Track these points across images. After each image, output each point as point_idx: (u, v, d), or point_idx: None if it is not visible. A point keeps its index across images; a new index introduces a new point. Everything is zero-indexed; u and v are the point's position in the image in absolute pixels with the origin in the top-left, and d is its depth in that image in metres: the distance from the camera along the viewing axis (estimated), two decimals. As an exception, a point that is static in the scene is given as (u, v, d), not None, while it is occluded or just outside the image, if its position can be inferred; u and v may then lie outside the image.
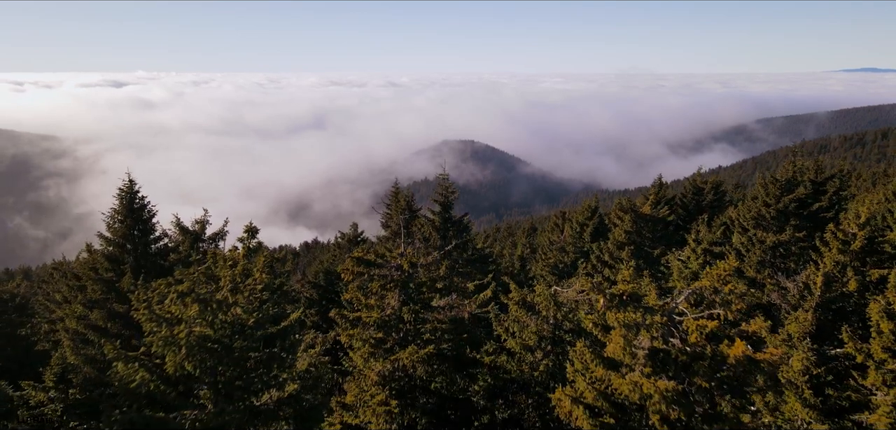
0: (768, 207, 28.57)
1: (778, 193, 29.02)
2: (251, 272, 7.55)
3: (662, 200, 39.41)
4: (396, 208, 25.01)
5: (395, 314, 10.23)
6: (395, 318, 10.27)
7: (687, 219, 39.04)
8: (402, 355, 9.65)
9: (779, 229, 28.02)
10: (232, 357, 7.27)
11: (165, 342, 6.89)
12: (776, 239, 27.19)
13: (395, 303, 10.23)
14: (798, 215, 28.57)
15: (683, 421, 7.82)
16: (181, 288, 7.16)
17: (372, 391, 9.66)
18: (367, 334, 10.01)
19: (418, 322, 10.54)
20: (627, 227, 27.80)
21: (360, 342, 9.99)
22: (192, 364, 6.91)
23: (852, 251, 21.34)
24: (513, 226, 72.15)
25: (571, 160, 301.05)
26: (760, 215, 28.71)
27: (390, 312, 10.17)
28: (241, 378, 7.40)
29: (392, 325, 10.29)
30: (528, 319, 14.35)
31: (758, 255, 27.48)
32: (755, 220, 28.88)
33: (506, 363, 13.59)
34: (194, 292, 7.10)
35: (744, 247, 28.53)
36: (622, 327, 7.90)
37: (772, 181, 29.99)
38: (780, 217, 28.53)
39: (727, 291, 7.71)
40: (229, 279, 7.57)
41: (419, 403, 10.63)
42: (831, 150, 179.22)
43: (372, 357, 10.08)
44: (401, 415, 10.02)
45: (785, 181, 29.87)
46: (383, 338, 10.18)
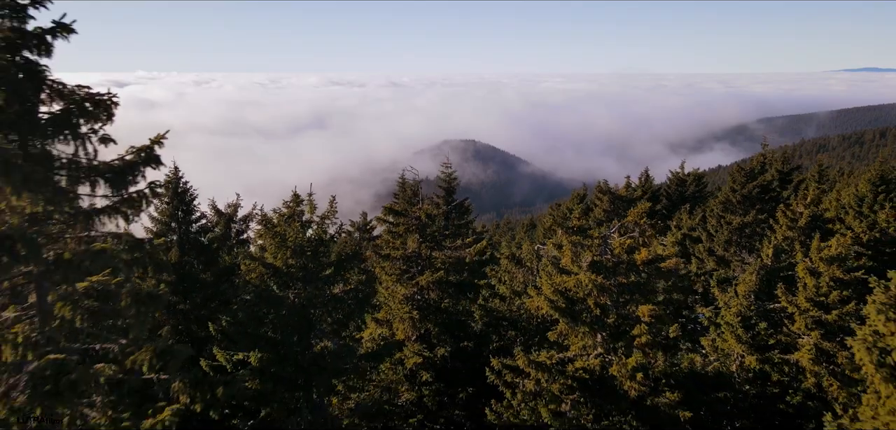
0: (734, 193, 31.96)
1: (743, 180, 32.44)
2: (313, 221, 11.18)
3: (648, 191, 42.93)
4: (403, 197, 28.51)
5: (415, 252, 13.81)
6: (415, 254, 13.87)
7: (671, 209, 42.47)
8: (420, 280, 13.30)
9: (744, 212, 31.36)
10: (316, 260, 10.79)
11: (278, 247, 10.40)
12: (741, 221, 30.53)
13: (414, 244, 13.81)
14: (762, 199, 31.93)
15: (608, 305, 11.35)
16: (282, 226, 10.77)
17: (399, 306, 13.24)
18: (394, 266, 13.64)
19: (431, 258, 14.07)
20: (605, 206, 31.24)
21: (390, 273, 13.61)
22: (294, 260, 10.40)
23: (799, 227, 24.92)
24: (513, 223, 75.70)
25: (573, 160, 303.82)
26: (728, 199, 32.12)
27: (411, 250, 13.74)
28: (321, 275, 10.89)
29: (412, 259, 13.92)
30: (516, 270, 17.90)
31: (725, 235, 30.82)
32: (723, 204, 32.28)
33: (498, 306, 17.16)
34: (290, 222, 10.66)
35: (713, 228, 31.83)
36: (571, 246, 11.37)
37: (738, 169, 33.43)
38: (746, 202, 31.91)
39: (643, 223, 11.18)
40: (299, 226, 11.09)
41: (432, 317, 14.20)
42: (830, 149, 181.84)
43: (398, 282, 13.75)
44: (420, 323, 13.67)
45: (749, 169, 33.27)
46: (407, 268, 13.81)
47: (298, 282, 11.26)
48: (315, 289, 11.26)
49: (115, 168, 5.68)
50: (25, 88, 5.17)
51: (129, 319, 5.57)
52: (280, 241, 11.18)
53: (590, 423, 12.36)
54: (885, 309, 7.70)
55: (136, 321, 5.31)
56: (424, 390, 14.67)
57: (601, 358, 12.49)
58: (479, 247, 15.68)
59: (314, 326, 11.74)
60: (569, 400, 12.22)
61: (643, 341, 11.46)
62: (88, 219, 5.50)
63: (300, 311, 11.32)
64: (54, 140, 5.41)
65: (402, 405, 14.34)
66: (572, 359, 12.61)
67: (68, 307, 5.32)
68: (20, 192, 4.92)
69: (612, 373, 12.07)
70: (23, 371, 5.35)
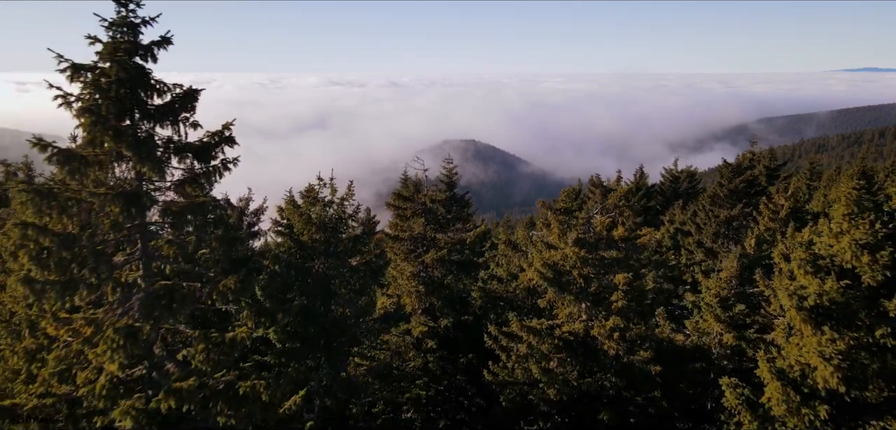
0: (722, 187, 33.72)
1: (730, 175, 34.21)
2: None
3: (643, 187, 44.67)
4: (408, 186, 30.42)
5: (421, 234, 15.60)
6: (421, 236, 15.66)
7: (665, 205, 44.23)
8: (425, 258, 15.07)
9: (731, 206, 33.09)
10: (336, 236, 12.57)
11: (304, 224, 12.17)
12: (728, 214, 32.26)
13: (419, 227, 15.59)
14: (748, 194, 33.68)
15: (591, 276, 13.13)
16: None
17: (406, 282, 15.03)
18: (402, 246, 15.42)
19: (435, 239, 15.87)
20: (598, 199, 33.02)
21: (398, 253, 15.40)
22: (318, 235, 12.15)
23: (780, 219, 26.80)
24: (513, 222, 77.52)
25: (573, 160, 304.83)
26: (716, 194, 33.89)
27: (417, 232, 15.52)
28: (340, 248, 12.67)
29: (418, 240, 15.70)
30: (512, 254, 19.70)
31: (713, 228, 32.57)
32: (711, 198, 34.05)
33: (496, 287, 18.93)
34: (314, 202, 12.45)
35: (701, 222, 33.57)
36: (558, 224, 13.16)
37: (725, 165, 35.20)
38: (733, 196, 33.66)
39: (622, 205, 12.95)
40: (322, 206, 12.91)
41: (436, 293, 16.03)
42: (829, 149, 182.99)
43: (406, 260, 15.51)
44: (426, 297, 15.47)
45: (736, 165, 35.04)
46: (413, 248, 15.60)
47: (321, 255, 13.05)
48: (336, 260, 13.06)
49: (200, 146, 7.44)
50: (137, 85, 6.93)
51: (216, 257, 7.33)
52: (306, 219, 12.98)
53: (575, 379, 14.14)
54: (803, 264, 9.45)
55: (223, 257, 6.93)
56: (429, 356, 16.44)
57: (585, 323, 14.29)
58: (479, 231, 17.48)
59: (334, 294, 13.51)
60: (556, 359, 14.01)
61: (620, 305, 13.25)
62: (181, 185, 7.27)
63: (322, 280, 13.10)
64: (159, 124, 7.16)
65: (409, 370, 16.12)
66: (560, 325, 14.41)
67: (173, 248, 7.09)
68: (144, 162, 6.69)
69: (594, 335, 13.88)
70: (133, 299, 7.10)
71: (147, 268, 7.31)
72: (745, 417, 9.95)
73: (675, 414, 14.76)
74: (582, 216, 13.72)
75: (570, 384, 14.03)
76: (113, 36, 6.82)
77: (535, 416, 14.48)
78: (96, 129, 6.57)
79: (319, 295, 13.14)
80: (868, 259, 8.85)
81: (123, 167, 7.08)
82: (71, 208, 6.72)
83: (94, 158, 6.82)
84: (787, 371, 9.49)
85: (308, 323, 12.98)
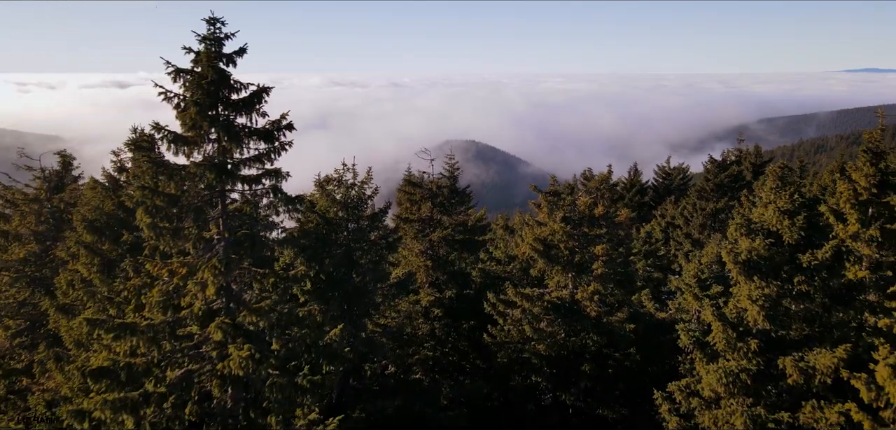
0: (708, 182, 35.98)
1: (716, 171, 36.46)
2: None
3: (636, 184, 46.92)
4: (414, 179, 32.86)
5: (428, 216, 17.97)
6: (428, 218, 18.03)
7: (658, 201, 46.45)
8: (432, 236, 17.40)
9: (717, 200, 35.35)
10: (358, 214, 14.92)
11: (329, 203, 14.53)
12: (714, 207, 34.53)
13: (427, 210, 17.95)
14: (733, 188, 35.90)
15: (575, 248, 15.46)
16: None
17: (416, 258, 17.39)
18: (412, 227, 17.80)
19: (441, 221, 18.24)
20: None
21: (408, 232, 17.80)
22: (342, 212, 14.52)
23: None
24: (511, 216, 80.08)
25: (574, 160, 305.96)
26: (702, 188, 36.15)
27: (425, 214, 17.90)
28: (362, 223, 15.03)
29: (426, 222, 18.07)
30: (509, 238, 22.04)
31: (700, 220, 34.83)
32: (698, 192, 36.31)
33: (494, 267, 21.25)
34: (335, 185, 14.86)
35: (689, 214, 35.83)
36: (547, 204, 15.49)
37: (711, 162, 37.44)
38: (718, 190, 35.91)
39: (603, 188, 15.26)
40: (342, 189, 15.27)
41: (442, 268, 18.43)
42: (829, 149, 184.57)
43: (415, 239, 17.89)
44: (433, 272, 17.84)
45: (721, 162, 37.30)
46: (422, 229, 17.97)
47: (344, 229, 15.37)
48: (357, 234, 15.38)
49: (266, 131, 9.71)
50: (222, 84, 9.22)
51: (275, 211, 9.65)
52: (331, 199, 15.30)
53: (562, 338, 16.45)
54: (739, 227, 11.72)
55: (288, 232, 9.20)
56: (436, 323, 18.76)
57: (570, 290, 16.60)
58: (479, 214, 19.77)
59: (355, 264, 15.81)
60: (546, 319, 16.33)
61: (599, 272, 15.57)
62: (256, 160, 9.57)
63: (346, 250, 15.41)
64: (237, 114, 9.43)
65: (418, 335, 18.44)
66: (549, 292, 16.73)
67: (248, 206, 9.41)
68: (228, 142, 9.07)
69: (578, 299, 16.19)
70: (216, 246, 9.41)
71: (227, 222, 9.59)
72: (697, 354, 12.23)
73: (649, 369, 17.01)
74: (568, 198, 16.07)
75: (558, 341, 16.34)
76: (206, 47, 9.11)
77: (528, 369, 16.78)
78: (198, 116, 8.86)
79: (343, 264, 15.46)
80: (788, 222, 11.13)
81: (210, 147, 9.37)
82: (177, 175, 9.01)
83: (193, 139, 9.12)
84: (727, 315, 11.75)
85: (334, 288, 15.29)
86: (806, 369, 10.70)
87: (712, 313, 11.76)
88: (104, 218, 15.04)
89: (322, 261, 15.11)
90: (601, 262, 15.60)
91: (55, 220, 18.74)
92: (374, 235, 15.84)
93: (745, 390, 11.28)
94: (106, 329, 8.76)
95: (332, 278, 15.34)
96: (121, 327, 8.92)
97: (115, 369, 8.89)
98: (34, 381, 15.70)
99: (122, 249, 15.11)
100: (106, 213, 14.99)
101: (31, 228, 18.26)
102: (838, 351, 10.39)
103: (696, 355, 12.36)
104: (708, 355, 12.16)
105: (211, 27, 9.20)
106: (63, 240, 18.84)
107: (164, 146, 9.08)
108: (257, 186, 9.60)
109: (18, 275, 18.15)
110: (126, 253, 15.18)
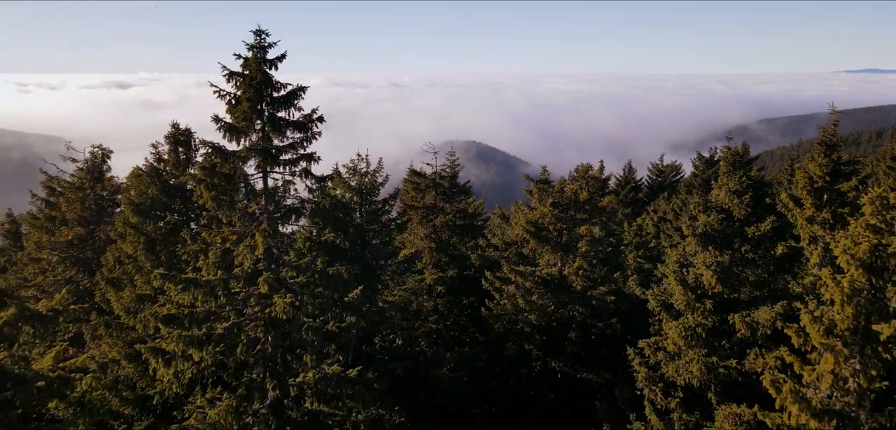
0: (696, 177, 38.02)
1: (703, 167, 38.50)
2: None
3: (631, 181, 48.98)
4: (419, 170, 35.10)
5: (432, 203, 20.13)
6: (432, 205, 20.18)
7: (651, 197, 48.50)
8: (436, 221, 19.56)
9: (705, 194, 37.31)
10: (371, 198, 17.07)
11: (345, 189, 16.70)
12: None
13: (430, 198, 20.10)
14: (719, 182, 37.86)
15: (563, 230, 17.58)
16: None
17: (421, 241, 19.58)
18: (418, 213, 19.95)
19: (443, 207, 20.39)
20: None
21: (414, 219, 19.97)
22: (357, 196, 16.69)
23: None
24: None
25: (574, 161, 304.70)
26: (691, 184, 38.20)
27: (429, 202, 20.05)
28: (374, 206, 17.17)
29: (430, 209, 20.22)
30: (505, 225, 24.13)
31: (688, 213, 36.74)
32: (687, 188, 38.35)
33: (491, 252, 23.37)
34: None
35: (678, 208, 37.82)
36: (537, 191, 17.62)
37: (699, 158, 39.47)
38: (705, 185, 37.94)
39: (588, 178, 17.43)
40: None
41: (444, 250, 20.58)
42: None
43: (420, 225, 20.05)
44: (436, 254, 20.01)
45: (708, 158, 39.32)
46: (426, 214, 20.12)
47: (358, 212, 17.48)
48: (370, 217, 17.48)
49: (301, 122, 11.78)
50: (266, 84, 11.31)
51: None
52: (346, 186, 17.40)
53: (551, 310, 18.54)
54: (697, 207, 13.79)
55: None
56: (438, 299, 20.86)
57: (559, 268, 18.69)
58: (478, 203, 21.86)
59: (368, 243, 17.91)
60: (537, 293, 18.42)
61: (583, 250, 17.65)
62: (291, 148, 11.66)
63: (360, 231, 17.51)
64: (278, 109, 11.49)
65: (424, 309, 20.55)
66: (540, 269, 18.83)
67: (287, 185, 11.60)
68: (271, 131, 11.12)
69: (565, 275, 18.28)
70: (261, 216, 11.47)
71: (269, 197, 11.70)
72: (664, 315, 14.30)
73: (628, 338, 19.04)
74: (557, 185, 18.18)
75: (548, 313, 18.44)
76: (253, 54, 11.21)
77: (521, 338, 18.86)
78: (249, 110, 10.97)
79: (358, 242, 17.56)
80: (737, 201, 13.21)
81: (255, 136, 11.47)
82: (230, 158, 11.11)
83: (243, 129, 11.22)
84: (687, 280, 13.80)
85: (350, 263, 17.40)
86: (751, 323, 12.76)
87: (675, 279, 13.84)
88: (148, 202, 17.14)
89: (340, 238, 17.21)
90: (585, 241, 17.70)
91: (97, 206, 20.88)
92: (385, 217, 17.96)
93: (702, 342, 13.34)
94: (174, 283, 10.87)
95: (348, 254, 17.43)
96: (186, 281, 11.03)
97: (180, 315, 10.99)
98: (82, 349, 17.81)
99: (164, 229, 17.22)
100: (150, 197, 17.09)
101: (76, 213, 20.39)
102: (776, 307, 12.45)
103: (663, 316, 14.43)
104: (672, 315, 14.23)
105: (257, 37, 11.32)
106: (104, 224, 21.00)
107: (220, 134, 11.18)
108: (295, 168, 11.72)
109: (65, 255, 20.29)
110: (168, 233, 17.30)
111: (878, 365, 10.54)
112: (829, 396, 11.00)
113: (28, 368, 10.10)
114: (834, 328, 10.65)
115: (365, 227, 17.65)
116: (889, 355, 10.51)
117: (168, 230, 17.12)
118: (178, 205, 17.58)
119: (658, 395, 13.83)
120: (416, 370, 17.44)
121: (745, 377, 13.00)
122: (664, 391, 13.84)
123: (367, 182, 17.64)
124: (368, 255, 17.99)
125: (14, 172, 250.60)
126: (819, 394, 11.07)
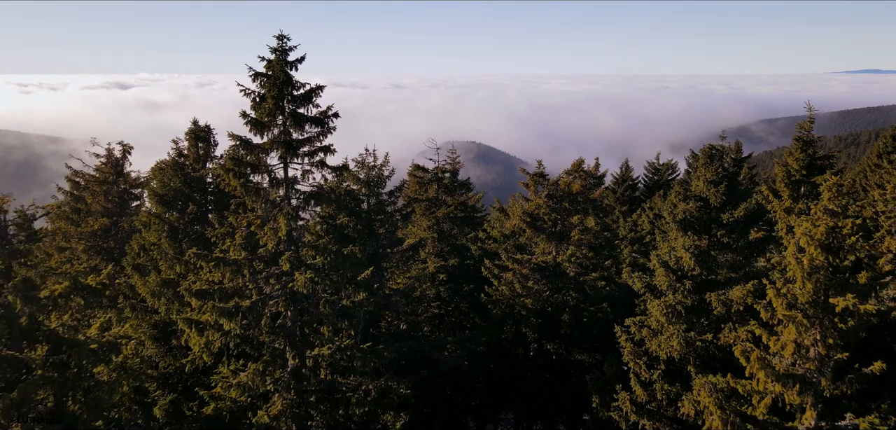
0: (689, 174, 39.28)
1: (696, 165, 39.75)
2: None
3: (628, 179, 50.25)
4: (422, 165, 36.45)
5: (435, 196, 21.46)
6: (435, 198, 21.52)
7: (648, 195, 49.76)
8: (438, 213, 20.90)
9: (697, 189, 38.54)
10: (378, 190, 18.40)
11: (354, 181, 18.04)
12: (693, 196, 37.60)
13: (433, 191, 21.44)
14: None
15: (557, 220, 18.87)
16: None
17: (424, 232, 20.92)
18: (421, 206, 21.32)
19: (445, 200, 21.72)
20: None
21: (418, 211, 21.32)
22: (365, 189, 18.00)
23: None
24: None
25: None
26: (685, 180, 39.47)
27: (432, 195, 21.39)
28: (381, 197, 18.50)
29: (432, 201, 21.55)
30: (504, 219, 25.43)
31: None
32: (680, 184, 39.63)
33: (490, 244, 24.69)
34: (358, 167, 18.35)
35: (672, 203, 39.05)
36: (532, 184, 18.94)
37: (692, 155, 40.75)
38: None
39: (580, 171, 18.75)
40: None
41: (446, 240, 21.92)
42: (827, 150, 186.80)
43: (423, 216, 21.38)
44: (439, 244, 21.33)
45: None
46: (429, 207, 21.46)
47: (366, 203, 18.80)
48: (377, 207, 18.80)
49: (317, 117, 13.09)
50: (287, 84, 12.63)
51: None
52: (355, 177, 18.73)
53: (546, 295, 19.82)
54: (677, 195, 15.08)
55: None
56: (440, 287, 22.17)
57: (553, 256, 19.98)
58: (478, 197, 23.17)
59: (375, 232, 19.22)
60: (533, 279, 19.71)
61: (576, 238, 18.95)
62: (310, 140, 12.98)
63: (368, 220, 18.83)
64: (297, 105, 12.82)
65: (427, 295, 21.86)
66: (536, 257, 20.12)
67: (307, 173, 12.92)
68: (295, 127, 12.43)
69: (559, 261, 19.58)
70: (284, 202, 12.79)
71: (289, 186, 13.02)
72: (648, 296, 15.59)
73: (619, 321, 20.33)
74: (552, 179, 19.53)
75: (543, 297, 19.73)
76: (276, 56, 12.53)
77: (518, 321, 20.15)
78: (273, 107, 12.30)
79: (365, 230, 18.88)
80: (713, 190, 14.50)
81: (277, 130, 12.79)
82: (255, 150, 12.44)
83: (266, 124, 12.55)
84: (668, 262, 15.10)
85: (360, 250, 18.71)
86: (726, 301, 14.05)
87: (657, 261, 15.13)
88: (171, 193, 18.46)
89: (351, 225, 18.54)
90: (578, 231, 19.00)
91: (120, 198, 22.22)
92: (390, 208, 19.28)
93: (681, 319, 14.63)
94: (206, 261, 12.19)
95: (357, 241, 18.75)
96: (216, 260, 12.36)
97: (211, 290, 12.31)
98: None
99: (186, 218, 18.55)
100: (173, 189, 18.41)
101: (101, 205, 21.73)
102: (748, 286, 13.73)
103: (647, 296, 15.72)
104: (655, 294, 15.52)
105: (279, 41, 12.65)
106: (127, 215, 22.34)
107: (247, 128, 12.51)
108: (313, 159, 13.05)
109: (90, 245, 21.63)
110: (189, 223, 18.64)
111: (835, 335, 11.83)
112: (792, 363, 12.28)
113: (76, 335, 11.41)
114: (796, 302, 11.93)
115: (372, 217, 18.98)
116: (844, 325, 11.79)
117: (189, 219, 18.46)
118: (199, 196, 18.90)
119: (642, 368, 15.11)
120: (420, 350, 18.74)
121: (720, 351, 14.28)
122: (648, 364, 15.12)
123: (375, 175, 18.96)
124: (375, 243, 19.30)
125: (15, 173, 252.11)
126: (783, 362, 12.35)
